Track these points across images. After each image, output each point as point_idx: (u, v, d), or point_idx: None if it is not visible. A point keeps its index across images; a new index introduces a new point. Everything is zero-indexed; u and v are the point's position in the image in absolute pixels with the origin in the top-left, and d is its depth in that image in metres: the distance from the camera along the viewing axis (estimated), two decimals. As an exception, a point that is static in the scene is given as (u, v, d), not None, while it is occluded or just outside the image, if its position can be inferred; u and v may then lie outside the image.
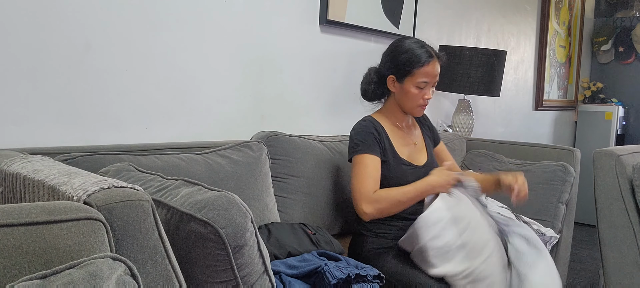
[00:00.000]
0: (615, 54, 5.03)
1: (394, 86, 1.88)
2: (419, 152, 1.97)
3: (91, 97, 1.73)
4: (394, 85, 1.88)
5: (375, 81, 1.92)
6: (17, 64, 1.56)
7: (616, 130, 4.72)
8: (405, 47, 1.85)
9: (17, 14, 1.55)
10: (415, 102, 1.87)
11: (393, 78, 1.87)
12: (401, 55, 1.84)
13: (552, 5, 4.31)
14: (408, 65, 1.83)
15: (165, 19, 1.88)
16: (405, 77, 1.84)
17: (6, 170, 1.19)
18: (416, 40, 1.88)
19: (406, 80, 1.85)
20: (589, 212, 4.25)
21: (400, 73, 1.85)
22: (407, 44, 1.86)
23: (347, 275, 1.50)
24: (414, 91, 1.85)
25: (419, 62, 1.82)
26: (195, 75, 2.00)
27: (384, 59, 1.92)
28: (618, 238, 2.04)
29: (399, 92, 1.88)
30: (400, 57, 1.84)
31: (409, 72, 1.83)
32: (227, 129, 2.12)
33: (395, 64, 1.85)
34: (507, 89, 3.89)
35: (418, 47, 1.84)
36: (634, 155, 2.13)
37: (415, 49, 1.83)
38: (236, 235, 1.12)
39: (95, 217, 0.86)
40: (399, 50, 1.86)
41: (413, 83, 1.84)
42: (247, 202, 1.36)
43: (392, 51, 1.88)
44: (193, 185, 1.22)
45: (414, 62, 1.82)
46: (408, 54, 1.83)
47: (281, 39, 2.28)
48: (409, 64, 1.82)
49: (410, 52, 1.83)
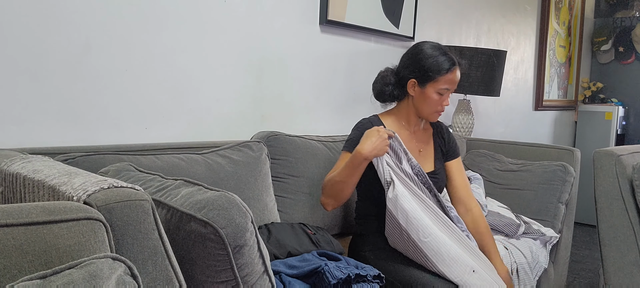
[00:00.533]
0: (615, 54, 5.03)
1: (413, 90, 1.86)
2: (423, 159, 1.95)
3: (91, 97, 1.73)
4: (413, 89, 1.86)
5: (394, 83, 1.89)
6: (17, 64, 1.56)
7: (616, 130, 4.72)
8: (429, 52, 1.83)
9: (17, 14, 1.55)
10: (434, 108, 1.87)
11: (414, 82, 1.85)
12: (426, 61, 1.82)
13: (552, 5, 4.31)
14: (432, 71, 1.81)
15: (165, 19, 1.88)
16: (428, 82, 1.83)
17: (6, 170, 1.19)
18: (439, 46, 1.86)
19: (428, 85, 1.83)
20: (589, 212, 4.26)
21: (423, 78, 1.83)
22: (431, 49, 1.84)
23: (347, 275, 1.50)
24: (434, 97, 1.84)
25: (443, 69, 1.81)
26: (195, 75, 2.00)
27: (406, 61, 1.88)
28: (618, 238, 2.04)
29: (419, 97, 1.86)
30: (425, 62, 1.82)
31: (432, 78, 1.82)
32: (227, 129, 2.12)
33: (418, 68, 1.83)
34: (507, 89, 3.89)
35: (441, 53, 1.83)
36: (634, 155, 2.13)
37: (440, 55, 1.82)
38: (236, 235, 1.12)
39: (95, 217, 0.86)
40: (423, 54, 1.83)
41: (435, 89, 1.83)
42: (247, 202, 1.36)
43: (415, 55, 1.85)
44: (193, 185, 1.22)
45: (438, 68, 1.81)
46: (433, 60, 1.81)
47: (281, 39, 2.28)
48: (433, 70, 1.81)
49: (434, 58, 1.81)
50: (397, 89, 1.90)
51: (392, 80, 1.89)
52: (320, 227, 1.89)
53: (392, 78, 1.90)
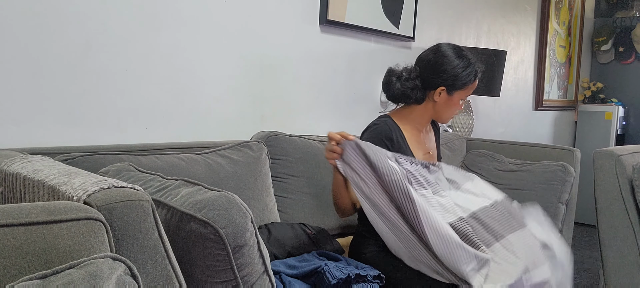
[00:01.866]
0: (615, 54, 5.03)
1: (439, 96, 1.83)
2: (432, 160, 1.95)
3: (91, 97, 1.73)
4: (439, 95, 1.83)
5: (418, 86, 1.83)
6: (17, 64, 1.56)
7: (616, 130, 4.72)
8: (457, 62, 1.80)
9: (17, 14, 1.55)
10: (453, 113, 1.89)
11: (443, 89, 1.81)
12: (456, 70, 1.80)
13: (552, 5, 4.31)
14: (464, 80, 1.81)
15: (165, 19, 1.88)
16: (457, 90, 1.82)
17: (6, 170, 1.19)
18: (464, 54, 1.84)
19: (456, 93, 1.82)
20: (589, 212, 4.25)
21: (455, 86, 1.81)
22: (459, 58, 1.81)
23: (347, 275, 1.50)
24: (458, 103, 1.85)
25: (473, 77, 1.83)
26: (195, 75, 2.00)
27: (434, 68, 1.82)
28: (618, 238, 2.04)
29: (445, 103, 1.84)
30: (456, 71, 1.80)
31: (462, 87, 1.82)
32: (227, 129, 2.12)
33: (450, 77, 1.80)
34: (507, 89, 3.89)
35: (469, 62, 1.82)
36: (634, 155, 2.13)
37: (469, 65, 1.81)
38: (236, 235, 1.12)
39: (95, 217, 0.86)
40: (453, 63, 1.80)
41: (461, 96, 1.84)
42: (247, 202, 1.36)
43: (445, 62, 1.81)
44: (193, 185, 1.22)
45: (470, 78, 1.82)
46: (465, 71, 1.81)
47: (281, 39, 2.28)
48: (466, 79, 1.81)
49: (464, 68, 1.81)
50: (420, 92, 1.84)
51: (417, 84, 1.83)
52: (320, 227, 1.89)
53: (417, 81, 1.84)
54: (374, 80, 2.01)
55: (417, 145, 1.88)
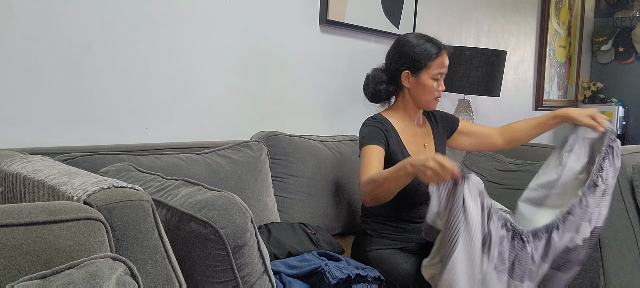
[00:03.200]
0: (615, 54, 5.02)
1: (408, 81, 1.87)
2: (428, 152, 1.95)
3: (91, 97, 1.73)
4: (408, 80, 1.87)
5: (386, 80, 1.90)
6: (18, 64, 1.56)
7: (616, 130, 4.72)
8: (415, 42, 1.86)
9: (17, 14, 1.55)
10: (432, 95, 1.89)
11: (408, 73, 1.86)
12: (415, 49, 1.84)
13: (552, 5, 4.31)
14: (423, 57, 1.83)
15: (165, 19, 1.88)
16: (421, 70, 1.84)
17: (6, 170, 1.19)
18: (421, 34, 1.89)
19: (422, 73, 1.85)
20: (589, 212, 4.25)
21: (416, 67, 1.84)
22: (416, 39, 1.87)
23: (347, 275, 1.50)
24: (430, 83, 1.86)
25: (433, 53, 1.84)
26: (195, 75, 2.00)
27: (394, 56, 1.90)
28: (618, 238, 2.04)
29: (415, 87, 1.87)
30: (414, 50, 1.84)
31: (424, 65, 1.84)
32: (227, 129, 2.12)
33: (409, 58, 1.85)
34: (507, 89, 3.89)
35: (427, 40, 1.86)
36: (634, 155, 2.13)
37: (426, 42, 1.85)
38: (236, 235, 1.12)
39: (95, 217, 0.86)
40: (410, 44, 1.86)
41: (429, 75, 1.85)
42: (247, 202, 1.36)
43: (402, 47, 1.87)
44: (193, 185, 1.22)
45: (428, 54, 1.83)
46: (421, 47, 1.84)
47: (281, 39, 2.28)
48: (425, 57, 1.83)
49: (423, 46, 1.84)
50: (391, 85, 1.90)
51: (384, 78, 1.90)
52: (320, 227, 1.89)
53: (384, 75, 1.91)
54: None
55: (410, 139, 1.90)
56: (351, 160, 2.19)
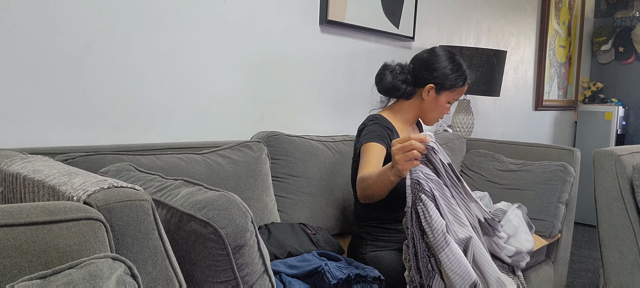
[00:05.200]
0: (615, 54, 5.03)
1: (428, 94, 1.88)
2: None
3: (91, 97, 1.73)
4: (428, 93, 1.88)
5: (409, 81, 1.90)
6: (18, 64, 1.56)
7: (616, 130, 4.72)
8: (449, 63, 1.87)
9: (18, 14, 1.55)
10: (439, 115, 1.92)
11: (432, 87, 1.87)
12: (446, 70, 1.86)
13: (552, 5, 4.30)
14: (453, 80, 1.86)
15: (165, 19, 1.88)
16: (445, 90, 1.87)
17: (6, 170, 1.19)
18: (458, 57, 1.91)
19: (444, 93, 1.88)
20: (589, 212, 4.26)
21: (442, 85, 1.86)
22: (451, 60, 1.88)
23: (347, 275, 1.50)
24: (444, 105, 1.89)
25: (461, 82, 1.88)
26: (195, 75, 2.00)
27: (427, 66, 1.87)
28: (618, 238, 2.04)
29: (431, 102, 1.89)
30: (446, 71, 1.86)
31: (449, 88, 1.87)
32: (227, 129, 2.12)
33: (441, 75, 1.85)
34: (507, 89, 3.89)
35: (460, 66, 1.89)
36: (634, 155, 2.13)
37: (460, 68, 1.88)
38: (236, 235, 1.12)
39: (95, 217, 0.86)
40: (444, 63, 1.87)
41: (448, 98, 1.89)
42: (247, 202, 1.36)
43: (439, 61, 1.87)
44: (193, 185, 1.22)
45: (458, 79, 1.87)
46: (459, 72, 1.87)
47: (281, 39, 2.28)
48: (454, 80, 1.86)
49: (455, 70, 1.87)
50: (409, 87, 1.90)
51: (408, 79, 1.89)
52: (320, 227, 1.89)
53: (408, 77, 1.90)
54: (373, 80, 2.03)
55: None
56: (351, 160, 2.19)
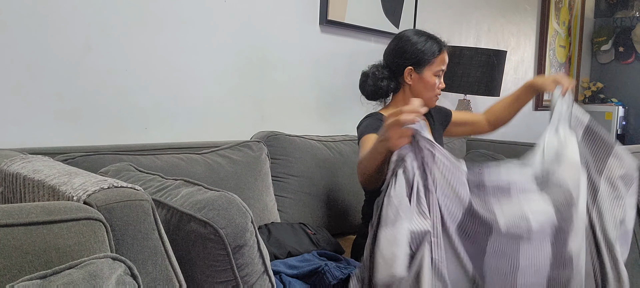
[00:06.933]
0: (615, 54, 5.03)
1: (410, 78, 1.87)
2: None
3: (91, 97, 1.73)
4: (410, 76, 1.87)
5: (387, 76, 1.90)
6: (18, 64, 1.56)
7: (616, 130, 4.72)
8: (417, 38, 1.87)
9: (18, 14, 1.55)
10: (433, 92, 1.90)
11: (411, 69, 1.86)
12: (417, 46, 1.85)
13: (552, 5, 4.31)
14: (427, 54, 1.85)
15: (165, 19, 1.88)
16: (424, 66, 1.85)
17: (6, 170, 1.19)
18: (421, 31, 1.90)
19: (425, 69, 1.86)
20: (589, 212, 4.25)
21: (419, 63, 1.85)
22: (417, 35, 1.88)
23: (347, 275, 1.49)
24: (432, 80, 1.87)
25: (436, 50, 1.86)
26: (195, 75, 2.00)
27: (396, 52, 1.89)
28: (618, 238, 2.04)
29: (417, 83, 1.88)
30: (417, 46, 1.85)
31: (428, 61, 1.85)
32: (227, 129, 2.12)
33: (412, 54, 1.85)
34: (507, 89, 3.89)
35: (428, 36, 1.88)
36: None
37: (428, 39, 1.87)
38: (236, 235, 1.12)
39: (95, 217, 0.86)
40: (412, 40, 1.87)
41: (432, 71, 1.86)
42: (247, 202, 1.36)
43: (405, 43, 1.88)
44: (193, 185, 1.22)
45: (432, 50, 1.85)
46: (424, 44, 1.85)
47: (281, 39, 2.28)
48: (428, 53, 1.85)
49: (425, 42, 1.86)
50: (392, 82, 1.90)
51: (385, 74, 1.89)
52: (320, 227, 1.89)
53: (385, 72, 1.90)
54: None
55: None
56: (351, 160, 2.19)
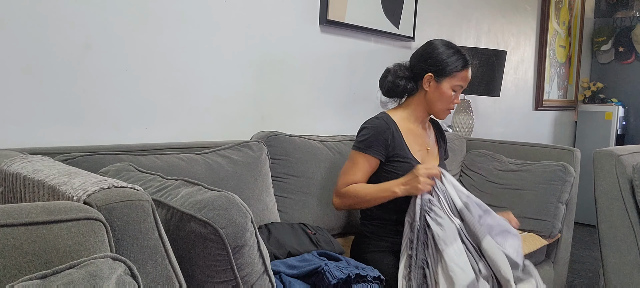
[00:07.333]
0: (615, 54, 5.03)
1: (429, 85, 1.88)
2: (431, 157, 1.97)
3: (91, 97, 1.73)
4: (429, 83, 1.88)
5: (407, 77, 1.91)
6: (18, 64, 1.56)
7: (616, 130, 4.72)
8: (445, 49, 1.88)
9: (17, 14, 1.55)
10: (447, 105, 1.90)
11: (431, 76, 1.87)
12: (444, 55, 1.86)
13: (552, 5, 4.31)
14: (451, 66, 1.85)
15: (165, 19, 1.88)
16: (445, 77, 1.86)
17: (6, 170, 1.19)
18: (452, 44, 1.91)
19: (445, 80, 1.86)
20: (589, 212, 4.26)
21: (441, 72, 1.86)
22: (446, 47, 1.89)
23: (347, 275, 1.50)
24: (448, 93, 1.87)
25: (460, 65, 1.86)
26: (195, 75, 2.00)
27: (422, 56, 1.91)
28: (618, 238, 2.04)
29: (434, 92, 1.88)
30: (443, 56, 1.86)
31: (449, 73, 1.86)
32: (227, 129, 2.12)
33: (436, 62, 1.86)
34: (507, 89, 3.89)
35: (456, 51, 1.89)
36: (634, 155, 2.13)
37: (455, 53, 1.88)
38: (236, 235, 1.12)
39: (95, 217, 0.86)
40: (439, 50, 1.88)
41: (450, 85, 1.87)
42: (247, 202, 1.36)
43: (433, 50, 1.89)
44: (193, 185, 1.22)
45: (456, 64, 1.86)
46: (452, 56, 1.86)
47: (281, 39, 2.28)
48: (452, 66, 1.86)
49: (453, 55, 1.87)
50: (410, 83, 1.91)
51: (406, 74, 1.91)
52: (320, 227, 1.89)
53: (406, 72, 1.91)
54: (374, 80, 2.02)
55: (413, 139, 1.90)
56: (351, 160, 2.19)
